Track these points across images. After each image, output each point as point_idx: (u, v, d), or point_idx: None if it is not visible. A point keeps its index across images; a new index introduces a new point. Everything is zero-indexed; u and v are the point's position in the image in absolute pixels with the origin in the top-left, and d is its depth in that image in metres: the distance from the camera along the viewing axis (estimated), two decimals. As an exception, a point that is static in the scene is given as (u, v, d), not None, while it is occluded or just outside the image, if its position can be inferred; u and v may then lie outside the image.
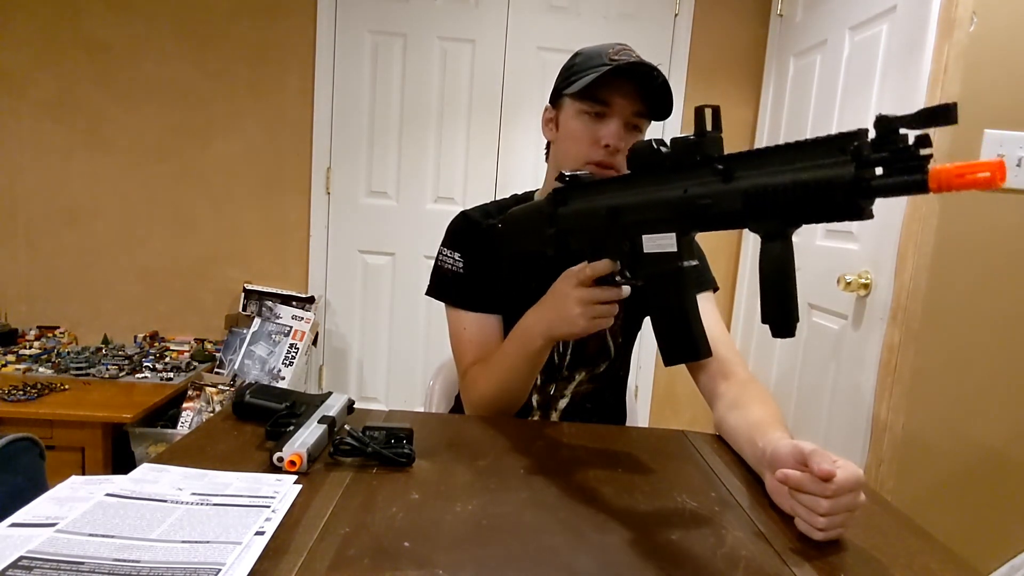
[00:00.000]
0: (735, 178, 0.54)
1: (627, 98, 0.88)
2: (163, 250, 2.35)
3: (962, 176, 0.39)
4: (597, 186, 0.72)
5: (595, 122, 0.90)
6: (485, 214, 1.03)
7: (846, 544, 0.59)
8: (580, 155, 0.91)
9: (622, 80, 0.87)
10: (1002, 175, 0.38)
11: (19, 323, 2.31)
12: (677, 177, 0.60)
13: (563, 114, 0.94)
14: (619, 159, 0.89)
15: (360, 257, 2.41)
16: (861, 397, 1.47)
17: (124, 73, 2.26)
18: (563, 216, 0.75)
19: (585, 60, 0.90)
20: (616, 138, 0.88)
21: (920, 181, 0.42)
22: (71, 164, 2.29)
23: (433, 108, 2.33)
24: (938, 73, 1.31)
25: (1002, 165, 0.38)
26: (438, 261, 1.03)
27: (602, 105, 0.89)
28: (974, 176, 0.39)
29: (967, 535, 1.36)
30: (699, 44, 2.30)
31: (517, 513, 0.60)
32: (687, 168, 0.59)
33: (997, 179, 0.38)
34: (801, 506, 0.58)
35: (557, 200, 0.76)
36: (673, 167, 0.60)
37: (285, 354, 2.12)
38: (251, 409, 0.81)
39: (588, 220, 0.71)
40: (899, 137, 0.44)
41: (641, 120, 0.91)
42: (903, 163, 0.44)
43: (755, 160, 0.53)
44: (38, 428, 1.67)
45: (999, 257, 1.32)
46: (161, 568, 0.45)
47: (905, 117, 0.43)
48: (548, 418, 1.02)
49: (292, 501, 0.58)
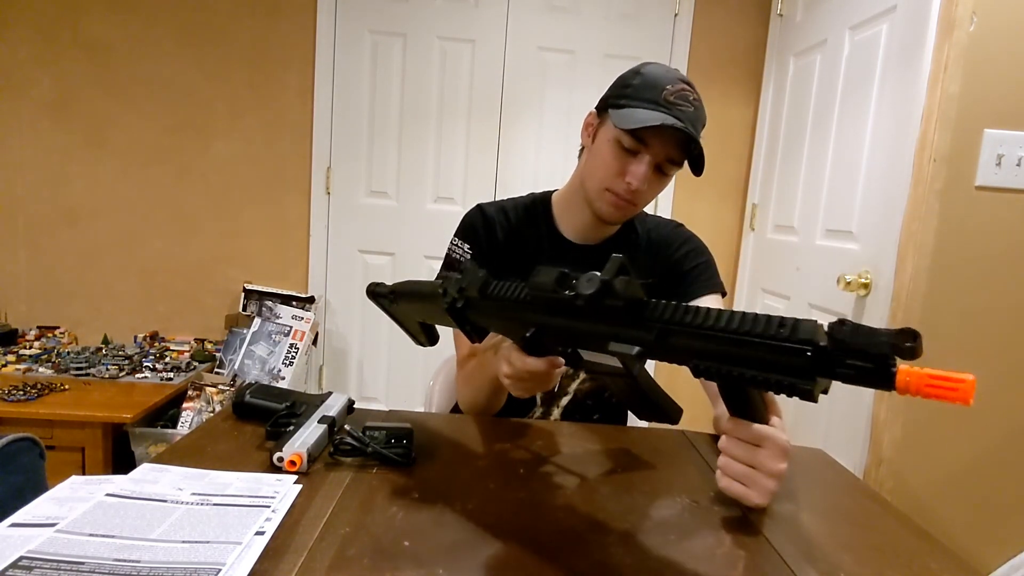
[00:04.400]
0: (670, 338, 0.47)
1: (666, 144, 0.88)
2: (163, 250, 2.35)
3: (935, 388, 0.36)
4: (497, 302, 0.63)
5: (627, 156, 0.89)
6: (501, 211, 1.04)
7: (846, 544, 0.59)
8: (604, 182, 0.91)
9: (668, 128, 0.85)
10: (970, 396, 0.35)
11: (19, 323, 2.31)
12: (599, 325, 0.52)
13: (602, 130, 0.93)
14: (638, 196, 0.90)
15: (360, 257, 2.41)
16: (861, 397, 1.47)
17: (124, 73, 2.26)
18: (474, 317, 0.68)
19: (642, 87, 0.88)
20: (641, 180, 0.88)
21: (886, 384, 0.38)
22: (71, 164, 2.29)
23: (433, 108, 2.33)
24: (938, 73, 1.31)
25: (972, 386, 0.35)
26: (449, 250, 1.04)
27: (640, 144, 0.88)
28: (944, 390, 0.36)
29: (967, 535, 1.36)
30: (699, 44, 2.30)
31: (517, 513, 0.60)
32: (610, 319, 0.51)
33: (967, 398, 0.35)
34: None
35: (457, 309, 0.68)
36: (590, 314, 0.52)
37: (285, 354, 2.12)
38: (251, 409, 0.81)
39: (508, 327, 0.65)
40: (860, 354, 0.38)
41: (672, 167, 0.91)
42: (867, 376, 0.39)
43: (697, 338, 0.45)
44: (38, 428, 1.67)
45: (999, 257, 1.32)
46: (161, 568, 0.45)
47: (867, 338, 0.38)
48: (550, 414, 1.03)
49: (292, 501, 0.58)
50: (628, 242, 1.04)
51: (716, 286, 1.00)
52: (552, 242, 1.02)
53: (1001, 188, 1.30)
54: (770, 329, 0.41)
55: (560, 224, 1.02)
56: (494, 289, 0.63)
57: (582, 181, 0.96)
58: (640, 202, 0.92)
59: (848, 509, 0.70)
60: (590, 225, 1.00)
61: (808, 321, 0.40)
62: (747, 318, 0.43)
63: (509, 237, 1.02)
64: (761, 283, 2.19)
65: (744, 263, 2.33)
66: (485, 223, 1.02)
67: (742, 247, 2.35)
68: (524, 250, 1.01)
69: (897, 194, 1.39)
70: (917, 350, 0.36)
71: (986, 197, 1.31)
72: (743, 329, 0.42)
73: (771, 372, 0.42)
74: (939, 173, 1.30)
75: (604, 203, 0.92)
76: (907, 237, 1.36)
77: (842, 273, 1.51)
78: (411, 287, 0.80)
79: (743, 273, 2.33)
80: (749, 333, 0.42)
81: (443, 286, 0.69)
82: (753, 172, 2.29)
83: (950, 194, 1.31)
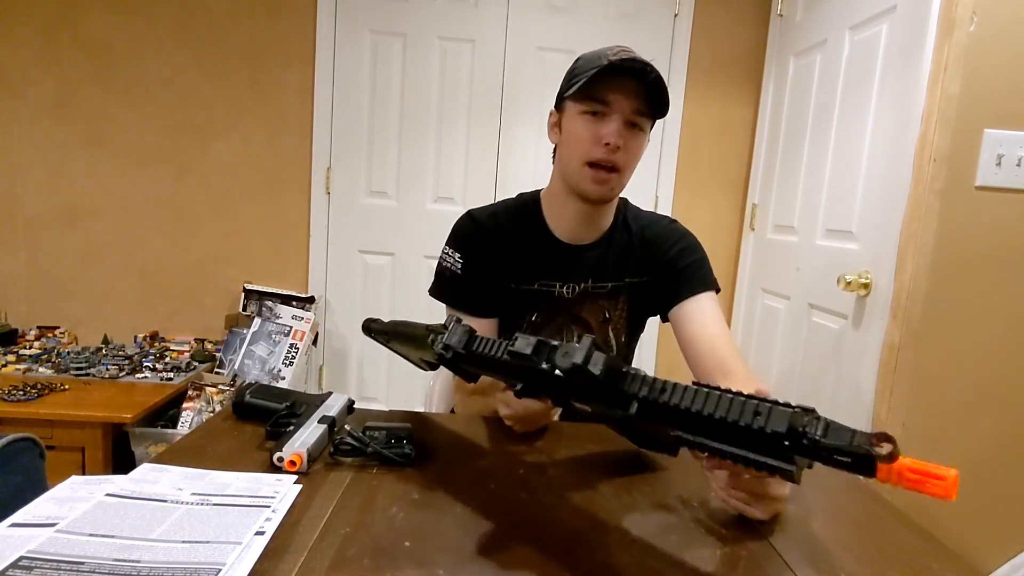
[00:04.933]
0: (649, 411, 0.47)
1: (626, 96, 0.89)
2: (163, 250, 2.35)
3: (918, 483, 0.36)
4: (480, 359, 0.64)
5: (596, 121, 0.90)
6: (492, 216, 1.03)
7: (846, 544, 0.59)
8: (583, 154, 0.91)
9: (621, 78, 0.87)
10: (953, 492, 0.35)
11: (19, 323, 2.31)
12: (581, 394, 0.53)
13: (566, 116, 0.95)
14: (620, 157, 0.90)
15: (360, 257, 2.41)
16: (861, 397, 1.47)
17: (124, 73, 2.26)
18: (462, 367, 0.69)
19: (585, 63, 0.91)
20: (617, 136, 0.89)
21: (868, 473, 0.38)
22: (71, 164, 2.29)
23: (433, 108, 2.33)
24: (938, 73, 1.31)
25: (956, 481, 0.35)
26: (440, 259, 1.04)
27: (601, 104, 0.89)
28: (927, 484, 0.35)
29: (967, 534, 1.36)
30: (699, 44, 2.30)
31: (516, 513, 0.60)
32: (591, 394, 0.52)
33: (950, 494, 0.35)
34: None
35: (447, 360, 0.67)
36: (572, 388, 0.53)
37: (285, 354, 2.12)
38: (251, 409, 0.81)
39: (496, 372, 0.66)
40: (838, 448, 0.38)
41: (642, 119, 0.91)
42: (851, 464, 0.38)
43: (673, 411, 0.45)
44: (38, 428, 1.67)
45: (999, 257, 1.32)
46: (161, 568, 0.45)
47: (838, 443, 0.38)
48: None
49: (292, 501, 0.58)
50: (622, 241, 1.03)
51: (710, 284, 1.00)
52: (545, 244, 1.01)
53: (1001, 188, 1.30)
54: (745, 416, 0.41)
55: (551, 224, 1.02)
56: (478, 347, 0.63)
57: (562, 173, 0.98)
58: (622, 166, 0.91)
59: (849, 509, 0.70)
60: (580, 222, 1.00)
61: (782, 410, 0.40)
62: (723, 401, 0.42)
63: (501, 242, 1.01)
64: (761, 283, 2.19)
65: (744, 263, 2.33)
66: (476, 230, 1.02)
67: (742, 247, 2.35)
68: (517, 254, 1.01)
69: (897, 194, 1.39)
70: (895, 455, 0.35)
71: (986, 197, 1.31)
72: (718, 415, 0.42)
73: (751, 451, 0.41)
74: (939, 173, 1.30)
75: (586, 181, 0.92)
76: (907, 237, 1.36)
77: (842, 273, 1.51)
78: (403, 330, 0.81)
79: (743, 273, 2.33)
80: (725, 420, 0.42)
81: (431, 337, 0.69)
82: (753, 172, 2.29)
83: (950, 194, 1.31)
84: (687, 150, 2.33)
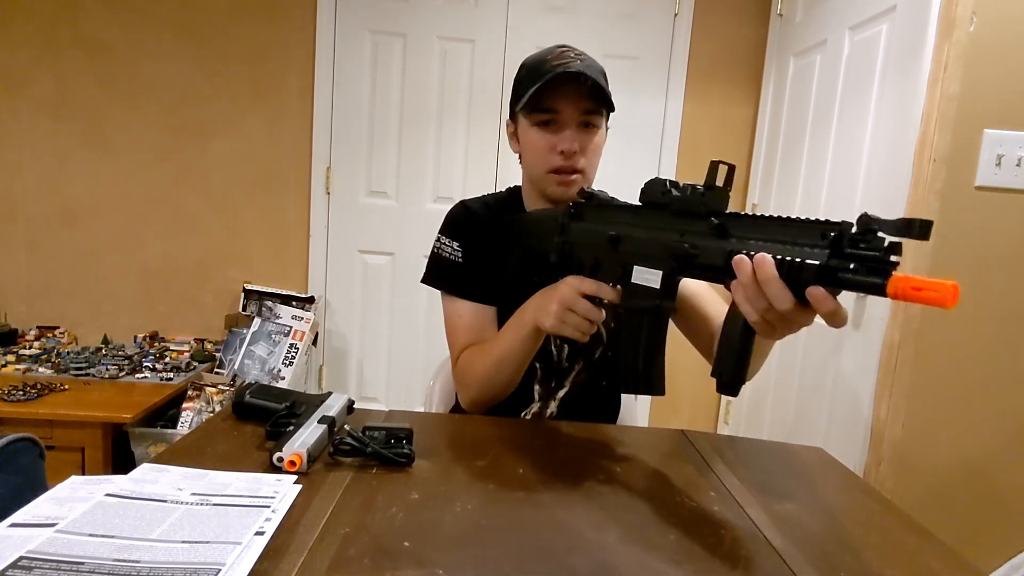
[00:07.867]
0: (727, 236, 0.59)
1: (574, 100, 0.90)
2: (163, 250, 2.35)
3: (919, 291, 0.43)
4: (609, 209, 0.78)
5: (549, 131, 0.93)
6: (484, 205, 1.06)
7: (846, 543, 0.59)
8: (543, 164, 0.94)
9: (565, 85, 0.89)
10: (954, 299, 0.41)
11: (19, 323, 2.31)
12: (678, 221, 0.64)
13: (520, 128, 0.98)
14: (580, 159, 0.93)
15: (360, 257, 2.41)
16: (861, 397, 1.47)
17: (124, 73, 2.26)
18: (573, 230, 0.80)
19: (529, 72, 0.93)
20: (570, 143, 0.91)
21: (880, 285, 0.46)
22: (71, 164, 2.29)
23: (433, 108, 2.33)
24: (938, 73, 1.31)
25: (955, 290, 0.41)
26: (435, 249, 1.05)
27: (551, 113, 0.92)
28: (928, 294, 0.42)
29: (967, 534, 1.36)
30: (699, 44, 2.30)
31: (516, 513, 0.60)
32: (688, 215, 0.63)
33: (948, 302, 0.41)
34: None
35: (572, 214, 0.81)
36: (677, 212, 0.64)
37: (285, 354, 2.12)
38: (251, 409, 0.81)
39: (593, 239, 0.76)
40: (876, 237, 0.48)
41: (594, 116, 0.92)
42: (872, 264, 0.47)
43: (747, 224, 0.58)
44: (38, 428, 1.67)
45: (999, 257, 1.32)
46: (161, 568, 0.45)
47: (886, 222, 0.47)
48: (548, 407, 1.03)
49: (292, 501, 0.58)
50: None
51: None
52: None
53: (1001, 188, 1.30)
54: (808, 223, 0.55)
55: None
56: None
57: (529, 179, 1.02)
58: (583, 166, 0.94)
59: (849, 508, 0.70)
60: None
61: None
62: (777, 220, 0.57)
63: (493, 232, 1.03)
64: (761, 283, 2.18)
65: (744, 263, 2.33)
66: (470, 218, 1.04)
67: (742, 247, 2.35)
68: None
69: (897, 194, 1.39)
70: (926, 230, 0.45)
71: (986, 197, 1.31)
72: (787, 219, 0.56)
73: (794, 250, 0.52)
74: (939, 173, 1.30)
75: (552, 185, 0.96)
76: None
77: (842, 273, 1.51)
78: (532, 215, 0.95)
79: (743, 273, 2.33)
80: (792, 220, 0.56)
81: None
82: (753, 172, 2.29)
83: (950, 194, 1.31)
84: (687, 150, 2.33)
